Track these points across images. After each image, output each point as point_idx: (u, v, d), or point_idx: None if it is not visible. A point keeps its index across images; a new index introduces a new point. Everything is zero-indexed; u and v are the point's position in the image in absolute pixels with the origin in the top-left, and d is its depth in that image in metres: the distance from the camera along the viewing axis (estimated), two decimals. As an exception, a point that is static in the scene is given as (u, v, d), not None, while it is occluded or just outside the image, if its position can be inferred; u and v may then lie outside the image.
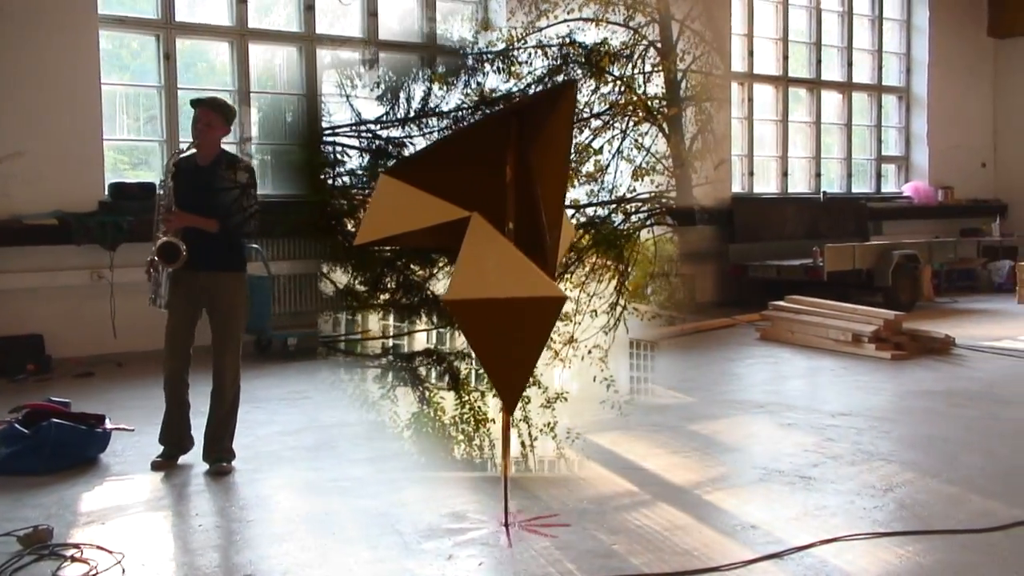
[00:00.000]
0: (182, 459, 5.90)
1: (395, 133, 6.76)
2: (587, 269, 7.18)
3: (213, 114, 5.74)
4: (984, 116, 17.90)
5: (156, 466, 5.82)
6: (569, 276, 7.01)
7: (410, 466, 5.88)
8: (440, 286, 6.54)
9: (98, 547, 4.47)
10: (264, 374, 8.73)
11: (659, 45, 7.37)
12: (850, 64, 16.46)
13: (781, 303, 11.13)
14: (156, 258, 5.63)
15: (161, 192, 5.65)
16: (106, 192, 9.72)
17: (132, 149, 10.56)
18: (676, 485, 5.49)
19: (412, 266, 6.61)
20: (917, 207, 16.59)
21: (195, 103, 5.86)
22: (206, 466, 5.80)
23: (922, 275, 13.97)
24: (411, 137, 6.73)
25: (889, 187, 17.19)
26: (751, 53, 14.97)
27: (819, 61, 16.01)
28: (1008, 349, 10.01)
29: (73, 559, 4.36)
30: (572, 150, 6.04)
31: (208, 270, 5.72)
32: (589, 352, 7.05)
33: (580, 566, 4.26)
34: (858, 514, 4.92)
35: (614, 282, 7.25)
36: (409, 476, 5.68)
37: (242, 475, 5.72)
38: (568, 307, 6.47)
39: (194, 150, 5.78)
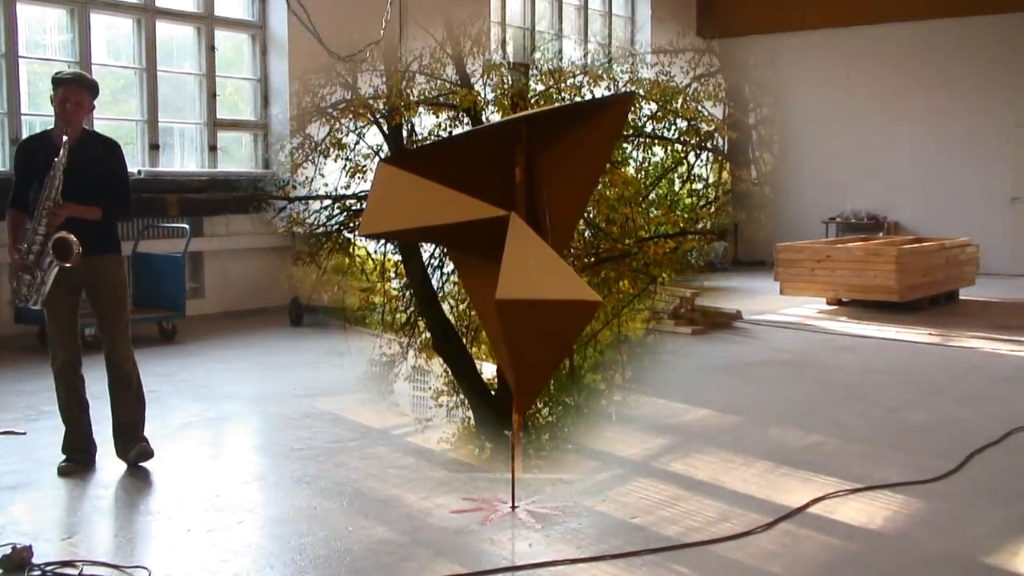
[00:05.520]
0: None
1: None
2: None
3: (84, 93, 5.27)
4: (695, 110, 19.35)
5: (65, 471, 5.23)
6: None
7: (362, 458, 5.62)
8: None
9: (95, 563, 3.99)
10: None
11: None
12: (586, 55, 17.23)
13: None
14: (52, 257, 5.09)
15: (47, 183, 5.08)
16: None
17: None
18: (637, 460, 5.61)
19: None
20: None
21: (59, 81, 5.28)
22: (121, 465, 5.30)
23: (667, 256, 15.00)
24: None
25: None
26: (503, 43, 15.30)
27: (560, 51, 16.64)
28: (782, 322, 10.97)
29: (84, 578, 3.88)
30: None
31: (87, 255, 5.23)
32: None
33: (628, 539, 4.31)
34: (812, 473, 5.29)
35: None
36: (371, 469, 5.42)
37: (178, 474, 5.27)
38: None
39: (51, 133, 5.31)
